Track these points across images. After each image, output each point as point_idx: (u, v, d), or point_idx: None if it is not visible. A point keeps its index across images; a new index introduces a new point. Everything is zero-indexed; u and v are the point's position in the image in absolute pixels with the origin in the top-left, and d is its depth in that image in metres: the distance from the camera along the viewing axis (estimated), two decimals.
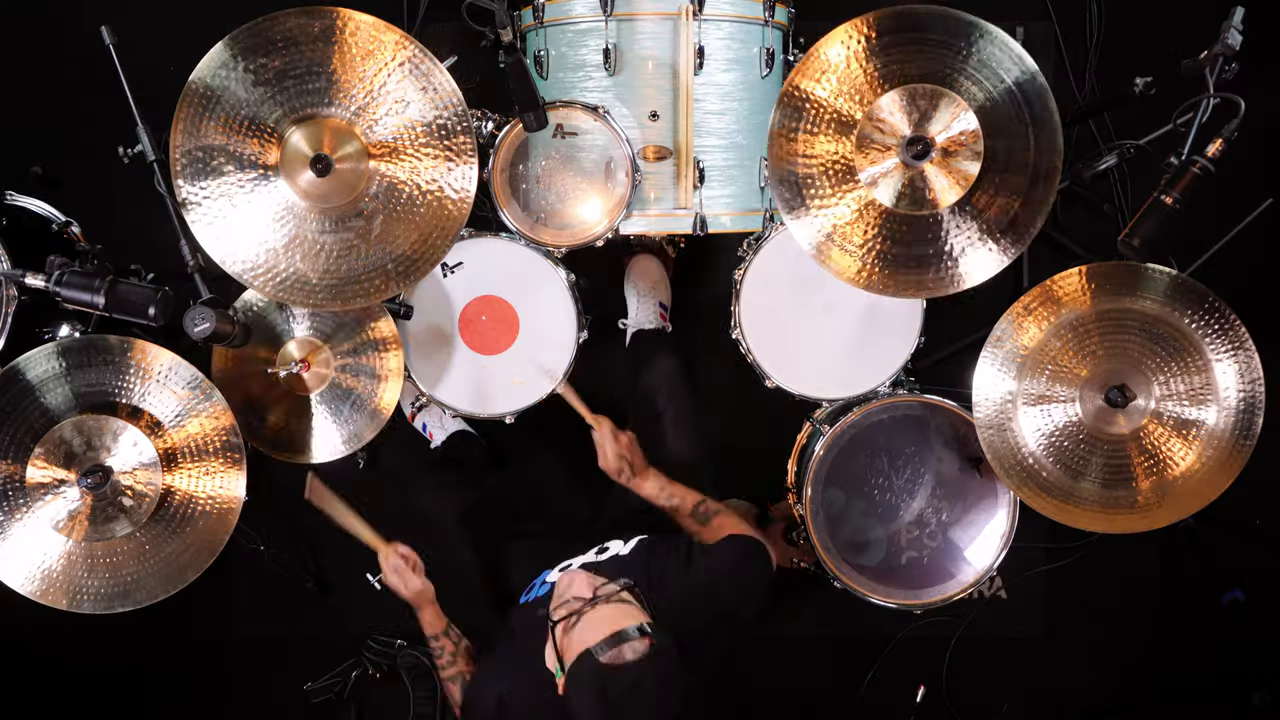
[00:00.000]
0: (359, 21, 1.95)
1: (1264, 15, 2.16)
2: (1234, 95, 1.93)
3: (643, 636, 1.64)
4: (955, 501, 2.45)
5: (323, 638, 3.04)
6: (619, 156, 2.24)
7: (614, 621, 1.66)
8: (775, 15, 2.28)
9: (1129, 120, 2.83)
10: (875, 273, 2.04)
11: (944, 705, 3.00)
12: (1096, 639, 3.04)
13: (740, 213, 2.34)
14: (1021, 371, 2.13)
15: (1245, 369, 2.08)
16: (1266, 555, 2.97)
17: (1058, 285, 2.11)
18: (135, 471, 2.07)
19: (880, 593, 2.39)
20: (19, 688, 3.05)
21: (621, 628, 1.64)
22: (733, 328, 2.41)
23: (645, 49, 2.21)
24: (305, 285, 2.02)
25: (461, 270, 2.37)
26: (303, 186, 1.99)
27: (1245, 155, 2.02)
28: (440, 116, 1.99)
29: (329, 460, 2.34)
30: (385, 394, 2.31)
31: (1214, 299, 2.07)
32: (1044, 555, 2.99)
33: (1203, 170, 1.91)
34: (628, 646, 1.62)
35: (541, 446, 2.99)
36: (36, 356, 2.05)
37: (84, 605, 2.07)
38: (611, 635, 1.63)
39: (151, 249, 2.51)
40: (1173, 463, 2.12)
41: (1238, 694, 2.83)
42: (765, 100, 2.32)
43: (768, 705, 3.05)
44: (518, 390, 2.39)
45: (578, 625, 1.69)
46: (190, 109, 1.94)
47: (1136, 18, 2.91)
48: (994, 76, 1.97)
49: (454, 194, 2.02)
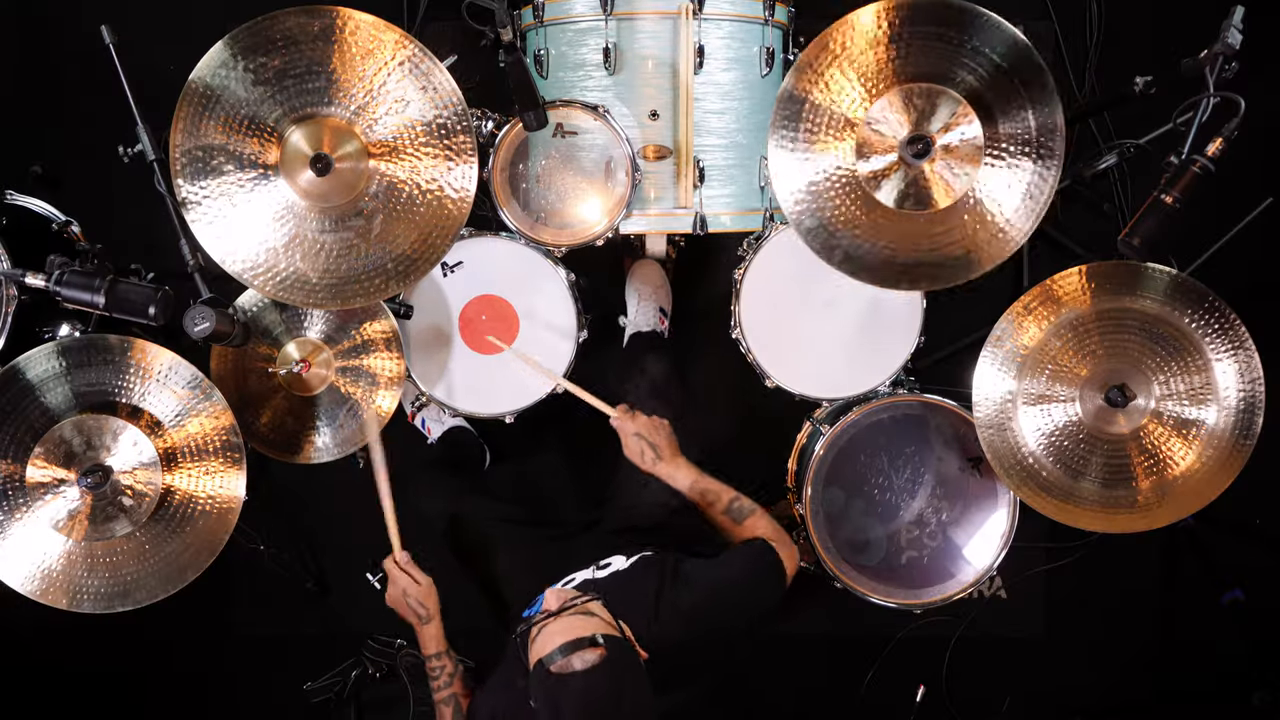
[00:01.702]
0: (359, 21, 1.95)
1: (1264, 15, 2.16)
2: (1234, 95, 1.93)
3: (594, 646, 1.64)
4: (955, 501, 2.45)
5: (323, 638, 3.04)
6: (619, 156, 2.24)
7: (569, 632, 1.67)
8: (775, 14, 2.28)
9: (1129, 120, 2.83)
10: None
11: (944, 705, 3.00)
12: (1096, 639, 3.04)
13: (740, 212, 2.34)
14: (1021, 371, 2.13)
15: (1245, 369, 2.08)
16: (1266, 555, 2.97)
17: (1058, 285, 2.11)
18: (135, 471, 2.07)
19: (880, 593, 2.39)
20: (19, 688, 3.05)
21: (575, 637, 1.65)
22: (733, 327, 2.41)
23: (645, 48, 2.21)
24: (305, 285, 2.02)
25: (461, 270, 2.37)
26: (303, 186, 1.99)
27: (1245, 155, 2.01)
28: (440, 116, 1.99)
29: (328, 461, 2.34)
30: (384, 395, 2.31)
31: (1214, 298, 2.07)
32: (1044, 555, 2.99)
33: (1203, 170, 1.91)
34: (576, 656, 1.63)
35: (541, 446, 2.99)
36: (36, 356, 2.05)
37: (84, 605, 2.07)
38: (564, 644, 1.64)
39: (151, 249, 2.52)
40: (1173, 462, 2.12)
41: (1238, 694, 2.83)
42: (765, 99, 2.32)
43: (767, 705, 3.05)
44: (517, 390, 2.39)
45: (538, 637, 1.71)
46: (190, 108, 1.94)
47: (1136, 18, 2.91)
48: (986, 61, 1.95)
49: (454, 193, 2.02)
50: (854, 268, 2.04)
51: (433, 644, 2.08)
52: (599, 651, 1.64)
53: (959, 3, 1.92)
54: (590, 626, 1.69)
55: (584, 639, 1.65)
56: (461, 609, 2.25)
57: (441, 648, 2.08)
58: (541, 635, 1.70)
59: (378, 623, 2.91)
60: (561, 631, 1.68)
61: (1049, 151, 1.97)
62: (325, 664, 2.94)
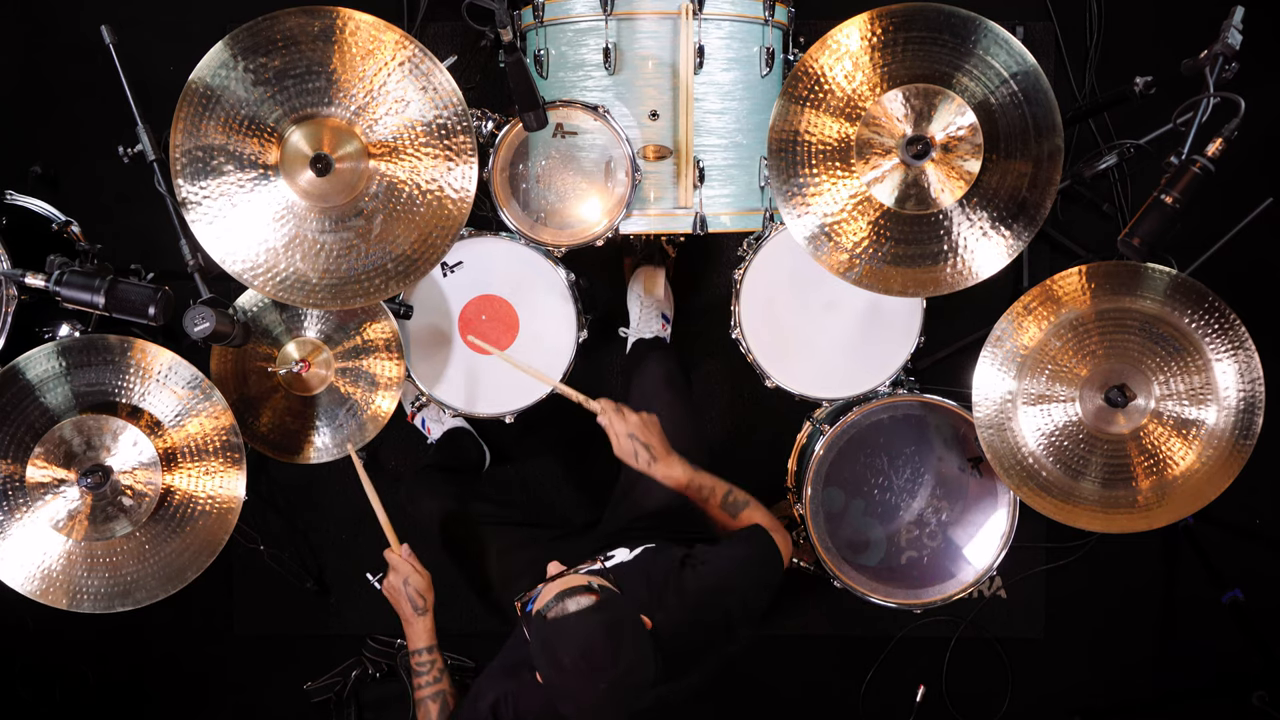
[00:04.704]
0: (359, 21, 1.95)
1: (1264, 15, 2.16)
2: (1234, 95, 1.93)
3: (588, 592, 1.64)
4: (955, 501, 2.45)
5: (323, 638, 3.04)
6: (619, 156, 2.24)
7: (564, 585, 1.68)
8: (775, 14, 2.28)
9: (1129, 120, 2.83)
10: (872, 270, 2.04)
11: (944, 705, 3.00)
12: (1096, 639, 3.04)
13: (740, 212, 2.34)
14: (1021, 371, 2.13)
15: (1245, 369, 2.08)
16: (1266, 555, 2.97)
17: (1058, 285, 2.11)
18: (135, 471, 2.07)
19: (880, 592, 2.39)
20: (19, 688, 3.05)
21: (569, 586, 1.66)
22: (733, 327, 2.41)
23: (645, 48, 2.21)
24: (305, 285, 2.02)
25: (461, 270, 2.37)
26: (303, 186, 1.99)
27: (1245, 155, 2.02)
28: (440, 116, 1.99)
29: (328, 461, 2.34)
30: (383, 396, 2.31)
31: (1214, 298, 2.07)
32: (1044, 555, 2.99)
33: (1203, 170, 1.91)
34: (571, 600, 1.63)
35: (542, 447, 2.99)
36: (36, 356, 2.05)
37: (84, 605, 2.07)
38: (559, 592, 1.65)
39: (151, 249, 2.52)
40: (1173, 462, 2.12)
41: (1238, 694, 2.83)
42: (765, 100, 2.32)
43: (767, 704, 3.05)
44: (517, 390, 2.39)
45: (535, 598, 1.71)
46: (190, 109, 1.94)
47: (1136, 18, 2.91)
48: (991, 72, 1.97)
49: (454, 193, 2.02)
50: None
51: (424, 638, 2.05)
52: (593, 596, 1.64)
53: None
54: (583, 580, 1.70)
55: (579, 586, 1.66)
56: (461, 609, 2.25)
57: (432, 642, 2.07)
58: (539, 596, 1.70)
59: (378, 623, 2.92)
60: (555, 587, 1.68)
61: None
62: (325, 664, 2.94)
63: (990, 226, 2.02)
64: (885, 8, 1.97)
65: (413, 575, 2.06)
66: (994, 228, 2.02)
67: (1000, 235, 2.02)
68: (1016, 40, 1.96)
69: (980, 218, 2.02)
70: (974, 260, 2.04)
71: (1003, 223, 2.02)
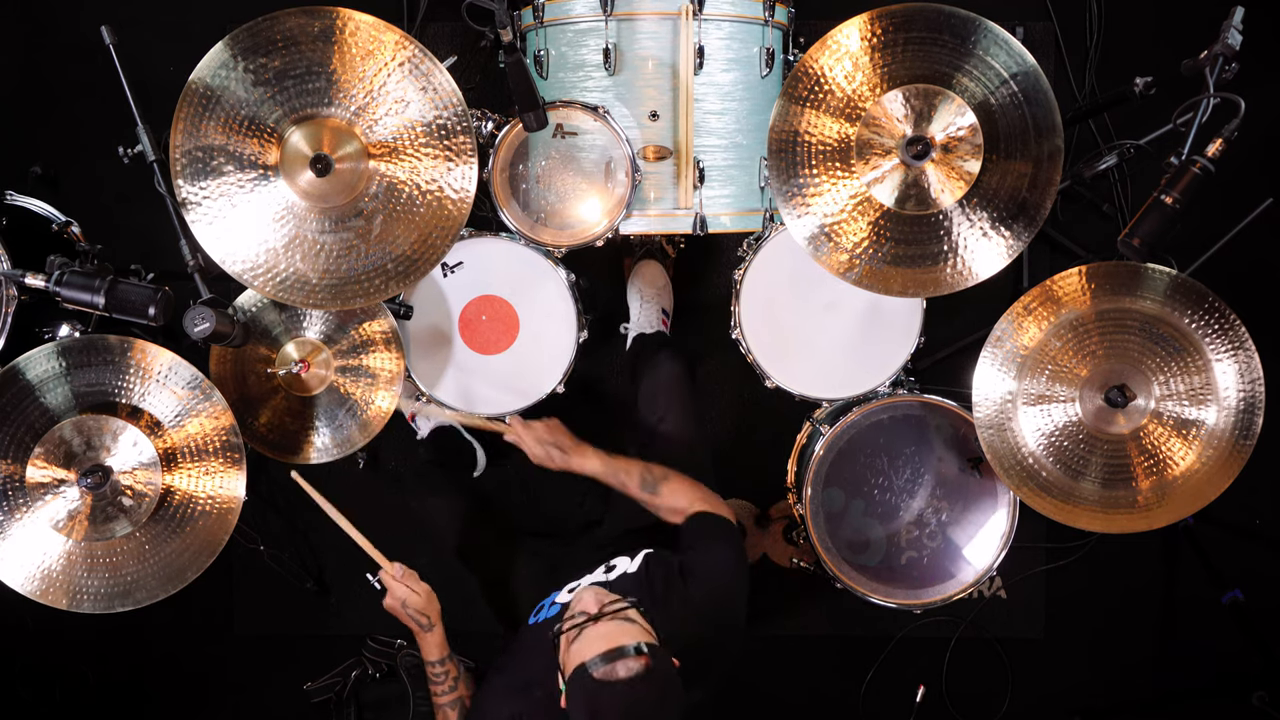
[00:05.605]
0: (359, 21, 1.95)
1: (1264, 15, 2.16)
2: (1234, 95, 1.93)
3: (639, 655, 1.62)
4: (955, 501, 2.45)
5: (323, 638, 3.04)
6: (619, 156, 2.24)
7: (612, 639, 1.65)
8: (775, 15, 2.28)
9: (1129, 120, 2.83)
10: (873, 271, 2.04)
11: (944, 705, 3.00)
12: (1096, 639, 3.04)
13: (740, 213, 2.34)
14: (1021, 371, 2.13)
15: (1245, 369, 2.08)
16: (1266, 555, 2.97)
17: (1058, 285, 2.11)
18: (135, 471, 2.07)
19: (880, 593, 2.39)
20: (19, 688, 3.05)
21: (619, 645, 1.63)
22: (733, 328, 2.41)
23: (645, 49, 2.21)
24: (305, 285, 2.02)
25: (461, 270, 2.37)
26: (303, 186, 1.99)
27: (1245, 155, 2.02)
28: (440, 116, 1.99)
29: (327, 461, 2.34)
30: (383, 395, 2.31)
31: (1214, 299, 2.07)
32: (1044, 555, 2.99)
33: (1203, 170, 1.91)
34: (621, 664, 1.61)
35: None
36: (36, 356, 2.05)
37: (84, 605, 2.07)
38: (607, 651, 1.62)
39: (151, 249, 2.52)
40: (1173, 463, 2.12)
41: (1238, 694, 2.83)
42: (765, 100, 2.32)
43: (767, 705, 3.05)
44: (517, 391, 2.39)
45: (578, 640, 1.68)
46: (190, 109, 1.94)
47: (1136, 18, 2.91)
48: (991, 72, 1.97)
49: (454, 194, 2.02)
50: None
51: (435, 650, 2.04)
52: (643, 661, 1.62)
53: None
54: (631, 634, 1.67)
55: (628, 647, 1.63)
56: (459, 610, 2.24)
57: (445, 653, 2.05)
58: (582, 639, 1.67)
59: (378, 623, 2.90)
60: (603, 637, 1.65)
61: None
62: (325, 664, 2.93)
63: (990, 227, 2.03)
64: (885, 8, 1.98)
65: (410, 596, 2.02)
66: (994, 228, 2.03)
67: (1000, 236, 2.03)
68: (1016, 40, 1.96)
69: (980, 218, 2.03)
70: (974, 261, 2.04)
71: (1003, 223, 2.02)
